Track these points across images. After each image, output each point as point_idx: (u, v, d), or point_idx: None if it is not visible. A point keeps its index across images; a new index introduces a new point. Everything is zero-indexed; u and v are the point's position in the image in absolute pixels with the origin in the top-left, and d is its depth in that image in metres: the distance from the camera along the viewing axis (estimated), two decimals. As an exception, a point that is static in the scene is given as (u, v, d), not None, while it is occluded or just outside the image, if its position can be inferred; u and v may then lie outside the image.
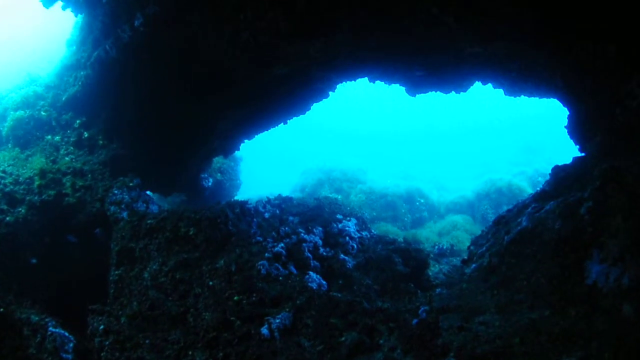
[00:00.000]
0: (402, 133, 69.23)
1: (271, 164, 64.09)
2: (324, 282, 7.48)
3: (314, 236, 8.08)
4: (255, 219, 9.29)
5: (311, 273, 7.28)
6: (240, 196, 21.75)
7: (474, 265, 6.58)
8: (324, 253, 8.07)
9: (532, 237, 6.34)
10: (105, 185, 9.90)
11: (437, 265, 10.43)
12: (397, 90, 11.72)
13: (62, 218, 9.74)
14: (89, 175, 10.23)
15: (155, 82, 10.48)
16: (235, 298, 7.04)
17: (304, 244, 7.79)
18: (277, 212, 10.08)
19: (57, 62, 12.47)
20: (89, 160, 10.88)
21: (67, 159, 11.11)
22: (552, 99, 10.97)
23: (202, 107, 11.28)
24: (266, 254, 7.32)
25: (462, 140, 65.58)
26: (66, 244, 9.80)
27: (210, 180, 17.68)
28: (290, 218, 9.30)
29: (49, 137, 11.68)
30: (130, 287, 9.07)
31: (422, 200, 21.14)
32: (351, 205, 17.94)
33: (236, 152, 17.79)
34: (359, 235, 9.00)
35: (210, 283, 7.79)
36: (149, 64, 9.91)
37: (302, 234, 7.94)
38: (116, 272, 8.99)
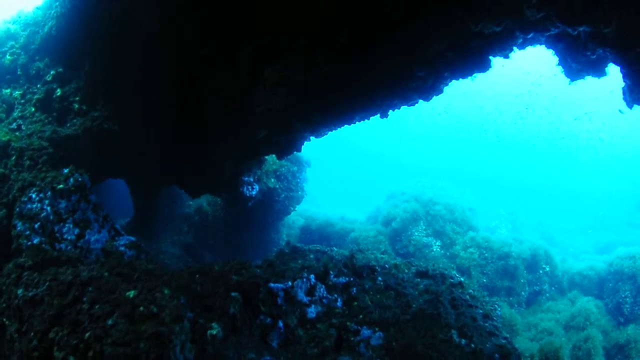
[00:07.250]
0: (506, 174, 62.37)
1: (343, 177, 57.90)
2: None
3: None
4: (281, 323, 4.01)
5: None
6: (300, 208, 16.31)
7: None
8: None
9: None
10: (25, 181, 5.24)
11: None
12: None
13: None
14: (13, 157, 5.67)
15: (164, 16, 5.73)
16: None
17: None
18: (339, 304, 4.68)
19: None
20: (39, 132, 6.43)
21: (13, 125, 6.82)
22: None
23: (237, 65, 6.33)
24: None
25: (564, 183, 59.65)
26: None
27: (257, 187, 12.82)
28: (366, 333, 3.90)
29: (7, 90, 7.69)
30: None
31: (547, 269, 14.94)
32: (457, 263, 11.96)
33: (297, 153, 12.71)
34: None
35: None
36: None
37: None
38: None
